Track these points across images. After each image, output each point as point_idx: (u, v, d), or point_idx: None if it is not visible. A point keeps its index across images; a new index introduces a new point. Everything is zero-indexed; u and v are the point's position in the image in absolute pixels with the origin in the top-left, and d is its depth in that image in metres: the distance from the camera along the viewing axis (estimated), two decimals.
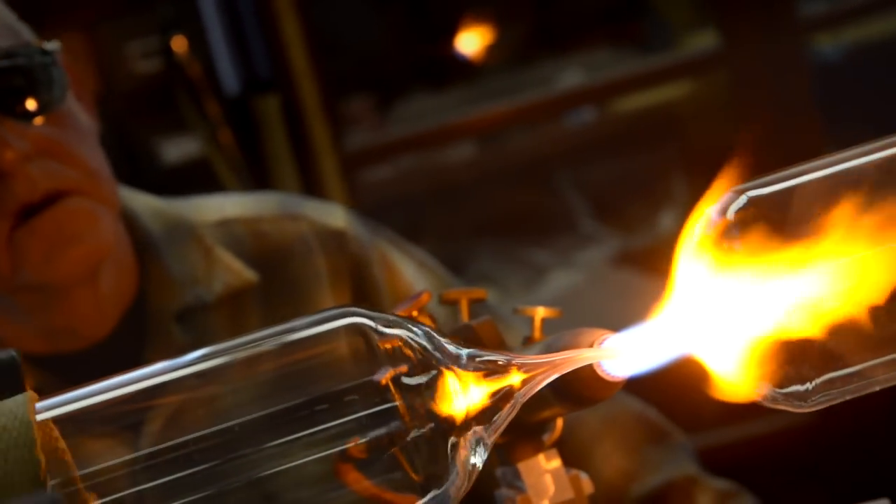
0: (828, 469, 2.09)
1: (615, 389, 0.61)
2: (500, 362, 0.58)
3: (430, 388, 0.58)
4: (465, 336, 0.72)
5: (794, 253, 0.54)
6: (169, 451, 0.55)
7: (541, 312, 0.74)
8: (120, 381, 0.57)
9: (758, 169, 0.57)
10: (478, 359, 0.58)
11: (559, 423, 0.72)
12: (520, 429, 0.69)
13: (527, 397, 0.59)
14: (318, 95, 2.14)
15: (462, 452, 0.57)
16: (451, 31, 2.44)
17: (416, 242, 2.64)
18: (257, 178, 2.18)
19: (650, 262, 2.31)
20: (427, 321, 0.74)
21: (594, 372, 0.60)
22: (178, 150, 2.21)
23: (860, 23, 2.38)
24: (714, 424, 2.14)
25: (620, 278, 2.38)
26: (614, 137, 2.50)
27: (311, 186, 2.17)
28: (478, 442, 0.58)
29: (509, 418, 0.59)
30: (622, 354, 0.58)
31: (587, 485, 0.70)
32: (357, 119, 2.38)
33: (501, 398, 0.58)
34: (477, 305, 0.75)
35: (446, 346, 0.58)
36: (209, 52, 2.16)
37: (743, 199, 0.55)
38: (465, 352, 0.59)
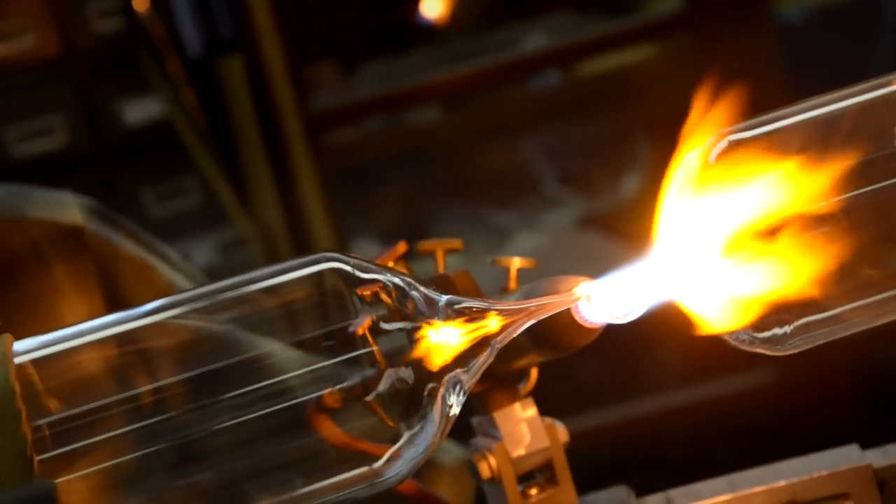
0: (786, 430, 2.11)
1: (593, 336, 0.61)
2: (479, 308, 0.58)
3: (408, 334, 0.57)
4: (442, 286, 0.72)
5: (774, 197, 0.54)
6: (139, 397, 0.55)
7: (517, 263, 0.74)
8: (87, 328, 0.56)
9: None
10: (456, 305, 0.58)
11: (534, 372, 0.72)
12: (496, 378, 0.69)
13: (504, 343, 0.59)
14: (282, 57, 2.12)
15: (439, 399, 0.57)
16: None
17: (380, 205, 2.63)
18: (220, 140, 2.17)
19: (614, 225, 2.32)
20: (403, 270, 0.73)
21: (572, 318, 0.60)
22: (140, 111, 2.19)
23: None
24: (674, 386, 2.16)
25: (584, 241, 2.39)
26: (579, 100, 2.50)
27: (276, 149, 2.15)
28: (456, 388, 0.58)
29: (486, 364, 0.59)
30: (601, 299, 0.58)
31: (562, 433, 0.70)
32: (322, 81, 2.36)
33: (479, 344, 0.58)
34: None
35: (424, 292, 0.58)
36: (171, 11, 2.14)
37: (724, 143, 0.55)
38: (443, 298, 0.58)
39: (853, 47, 2.25)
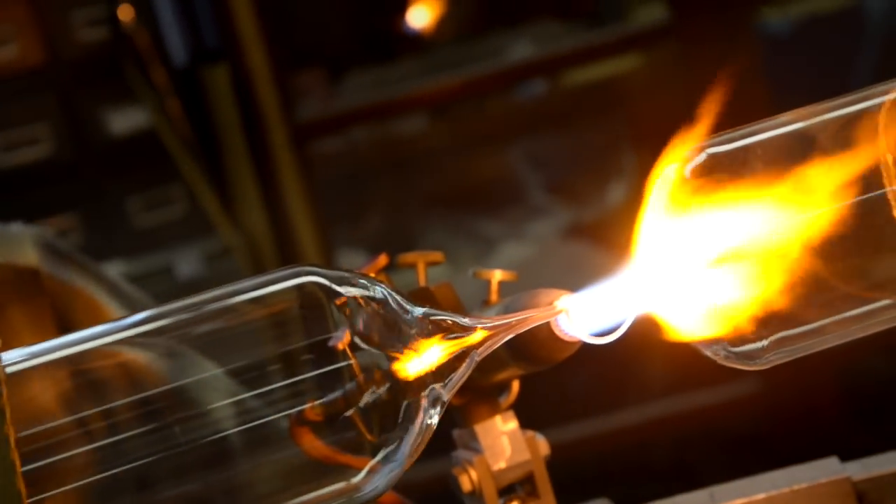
0: (771, 440, 2.12)
1: (572, 350, 0.61)
2: (457, 322, 0.58)
3: (386, 347, 0.57)
4: (422, 298, 0.72)
5: (751, 210, 0.55)
6: (117, 412, 0.54)
7: (497, 275, 0.74)
8: (62, 343, 0.56)
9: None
10: (434, 318, 0.58)
11: (515, 385, 0.73)
12: (476, 391, 0.70)
13: (482, 356, 0.59)
14: (267, 66, 2.12)
15: (417, 412, 0.57)
16: (402, 4, 2.43)
17: (366, 215, 2.63)
18: (206, 149, 2.16)
19: (600, 235, 2.32)
20: (385, 282, 0.73)
21: (551, 332, 0.60)
22: (125, 120, 2.19)
23: None
24: (660, 396, 2.17)
25: (570, 250, 2.39)
26: (565, 110, 2.50)
27: (261, 158, 2.15)
28: (433, 401, 0.58)
29: (464, 378, 0.59)
30: (579, 312, 0.58)
31: (543, 446, 0.70)
32: (307, 90, 2.37)
33: (457, 358, 0.58)
34: None
35: (403, 304, 0.58)
36: (156, 21, 2.14)
37: (702, 157, 0.55)
38: (421, 311, 0.59)
39: (836, 58, 2.26)
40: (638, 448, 2.20)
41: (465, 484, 0.69)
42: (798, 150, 0.55)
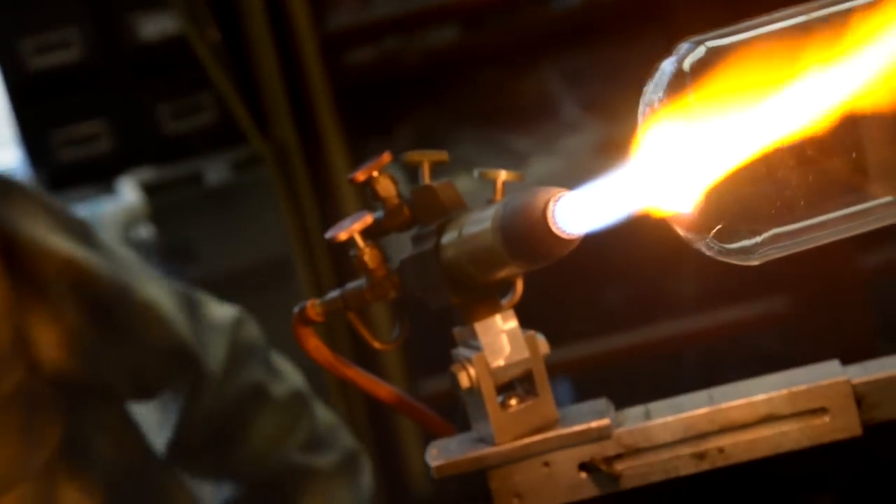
0: (799, 357, 2.11)
1: (570, 246, 0.60)
2: None
3: None
4: (425, 196, 0.72)
5: (750, 104, 0.54)
6: None
7: (502, 176, 0.74)
8: None
9: None
10: None
11: (519, 284, 0.72)
12: (476, 289, 0.69)
13: None
14: None
15: None
16: None
17: (397, 127, 2.60)
18: (236, 57, 2.15)
19: (632, 151, 2.30)
20: (388, 181, 0.73)
21: (548, 228, 0.60)
22: (155, 26, 2.18)
23: None
24: (689, 311, 2.16)
25: (602, 166, 2.37)
26: (599, 23, 2.46)
27: (291, 66, 2.14)
28: None
29: None
30: (577, 208, 0.57)
31: (543, 345, 0.70)
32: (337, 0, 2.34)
33: None
34: None
35: None
36: None
37: (701, 50, 0.54)
38: None
39: None
40: (666, 363, 2.20)
41: (464, 380, 0.69)
42: (799, 44, 0.54)
